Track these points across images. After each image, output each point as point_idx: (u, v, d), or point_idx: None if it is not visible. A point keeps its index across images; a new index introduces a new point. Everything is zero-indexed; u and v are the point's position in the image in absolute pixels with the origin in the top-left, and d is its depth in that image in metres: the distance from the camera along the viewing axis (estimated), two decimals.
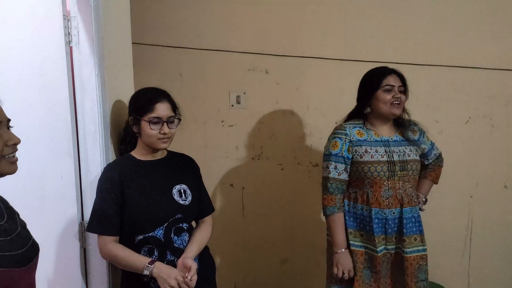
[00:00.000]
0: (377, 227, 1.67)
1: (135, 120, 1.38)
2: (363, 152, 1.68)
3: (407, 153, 1.71)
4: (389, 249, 1.70)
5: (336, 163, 1.71)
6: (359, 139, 1.71)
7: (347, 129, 1.73)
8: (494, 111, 2.42)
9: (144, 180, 1.39)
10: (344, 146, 1.70)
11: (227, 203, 2.61)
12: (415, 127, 1.82)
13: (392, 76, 1.70)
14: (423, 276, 1.70)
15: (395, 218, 1.68)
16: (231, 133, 2.55)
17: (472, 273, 2.56)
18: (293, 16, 2.45)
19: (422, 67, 2.40)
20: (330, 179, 1.71)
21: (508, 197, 2.48)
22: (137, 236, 1.35)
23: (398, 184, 1.68)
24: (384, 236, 1.69)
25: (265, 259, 2.64)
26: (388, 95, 1.67)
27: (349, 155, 1.71)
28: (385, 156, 1.67)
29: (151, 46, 2.47)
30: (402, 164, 1.68)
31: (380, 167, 1.66)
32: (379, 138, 1.72)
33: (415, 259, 1.68)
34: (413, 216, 1.70)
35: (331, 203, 1.71)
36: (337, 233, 1.71)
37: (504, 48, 2.37)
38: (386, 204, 1.67)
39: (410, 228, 1.68)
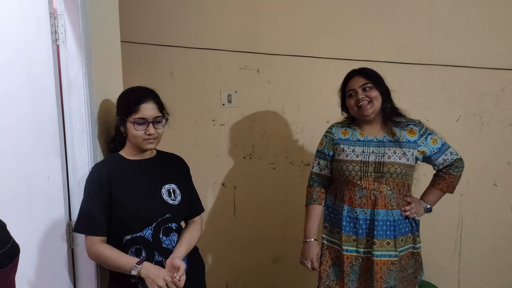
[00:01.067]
0: (347, 225, 1.68)
1: (122, 120, 1.37)
2: (341, 151, 1.72)
3: (387, 155, 1.63)
4: (360, 252, 1.68)
5: (320, 159, 1.82)
6: (342, 138, 1.75)
7: (333, 128, 1.80)
8: (484, 109, 2.43)
9: (132, 180, 1.37)
10: (327, 144, 1.79)
11: (218, 202, 2.60)
12: (416, 127, 1.70)
13: (353, 79, 1.68)
14: (392, 282, 1.64)
15: (366, 218, 1.66)
16: (223, 132, 2.54)
17: (462, 271, 2.58)
18: (284, 15, 2.45)
19: (413, 66, 2.41)
20: (313, 174, 1.84)
21: (498, 195, 2.49)
22: (125, 236, 1.34)
23: (373, 185, 1.64)
24: (355, 237, 1.67)
25: (257, 259, 2.64)
26: (351, 100, 1.68)
27: (330, 152, 1.77)
28: (360, 156, 1.66)
29: (142, 45, 2.45)
30: (377, 165, 1.63)
31: (352, 166, 1.67)
32: (362, 138, 1.70)
33: (385, 263, 1.63)
34: (388, 219, 1.64)
35: (309, 195, 1.84)
36: (308, 223, 1.81)
37: (494, 47, 2.38)
38: (358, 203, 1.66)
39: (382, 231, 1.63)
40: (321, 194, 1.82)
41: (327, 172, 1.80)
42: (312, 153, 2.11)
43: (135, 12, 2.43)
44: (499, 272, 2.56)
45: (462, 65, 2.40)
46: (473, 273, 2.57)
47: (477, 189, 2.49)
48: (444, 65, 2.40)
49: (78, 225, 1.33)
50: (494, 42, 2.38)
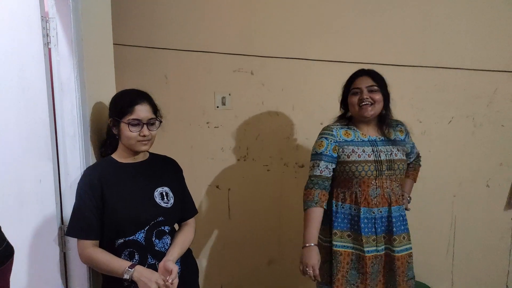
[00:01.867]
0: (365, 226, 1.68)
1: (115, 122, 1.37)
2: (350, 152, 1.69)
3: (394, 152, 1.72)
4: (379, 250, 1.70)
5: (320, 161, 1.72)
6: (346, 139, 1.72)
7: (334, 130, 1.75)
8: (477, 111, 2.45)
9: (124, 183, 1.37)
10: (329, 146, 1.71)
11: (213, 204, 2.60)
12: (402, 127, 1.84)
13: (360, 78, 1.70)
14: (411, 274, 1.73)
15: (382, 217, 1.69)
16: (217, 135, 2.54)
17: (455, 271, 2.59)
18: (278, 18, 2.45)
19: (406, 68, 2.42)
20: (312, 177, 1.73)
21: (490, 196, 2.51)
22: (117, 239, 1.33)
23: (386, 183, 1.69)
24: (374, 236, 1.69)
25: (252, 260, 2.64)
26: (355, 98, 1.69)
27: (334, 154, 1.72)
28: (372, 155, 1.69)
29: (136, 48, 2.45)
30: (389, 163, 1.69)
31: (367, 166, 1.67)
32: (366, 138, 1.73)
33: (405, 257, 1.70)
34: (400, 214, 1.72)
35: (309, 198, 1.71)
36: (309, 227, 1.68)
37: (486, 49, 2.40)
38: (374, 203, 1.68)
39: (399, 227, 1.70)
40: (322, 196, 1.71)
41: (327, 173, 1.72)
42: (307, 155, 2.10)
43: (128, 15, 2.43)
44: (492, 273, 2.58)
45: (455, 67, 2.41)
46: (466, 273, 2.58)
47: (470, 190, 2.50)
48: (437, 67, 2.42)
49: (70, 229, 1.33)
50: (486, 44, 2.40)
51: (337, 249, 1.72)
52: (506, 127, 2.44)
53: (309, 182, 1.74)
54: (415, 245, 2.50)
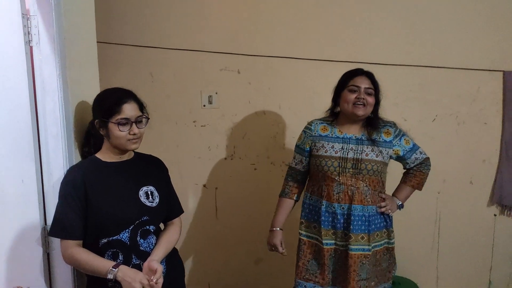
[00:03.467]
0: (325, 220, 1.74)
1: (102, 123, 1.35)
2: (320, 147, 1.77)
3: (365, 152, 1.72)
4: (339, 245, 1.75)
5: (296, 154, 1.89)
6: (321, 134, 1.79)
7: (313, 125, 1.84)
8: (460, 109, 2.49)
9: (109, 182, 1.36)
10: (305, 139, 1.83)
11: (200, 204, 2.60)
12: (391, 128, 1.81)
13: (360, 77, 1.73)
14: (364, 275, 1.72)
15: (343, 213, 1.73)
16: (204, 133, 2.54)
17: (440, 266, 2.63)
18: (264, 16, 2.46)
19: (391, 67, 2.44)
20: (289, 168, 1.92)
21: (473, 193, 2.55)
22: (101, 239, 1.32)
23: (351, 181, 1.72)
24: (333, 231, 1.75)
25: (239, 259, 2.64)
26: (351, 95, 1.71)
27: (307, 148, 1.82)
28: (339, 152, 1.73)
29: (121, 46, 2.43)
30: (355, 162, 1.71)
31: (331, 162, 1.72)
32: (341, 135, 1.77)
33: (359, 257, 1.71)
34: (363, 215, 1.72)
35: (283, 187, 1.93)
36: (277, 214, 1.91)
37: (469, 48, 2.43)
38: (335, 199, 1.72)
39: (358, 226, 1.71)
40: (293, 188, 1.89)
41: (300, 167, 1.86)
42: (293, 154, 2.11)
43: (113, 13, 2.40)
44: (476, 268, 2.62)
45: (439, 66, 2.45)
46: (450, 268, 2.63)
47: (454, 186, 2.55)
48: (421, 65, 2.45)
49: (53, 229, 1.31)
50: (469, 43, 2.44)
51: (302, 238, 1.84)
52: (489, 125, 2.49)
53: (287, 173, 1.93)
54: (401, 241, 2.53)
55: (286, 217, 1.91)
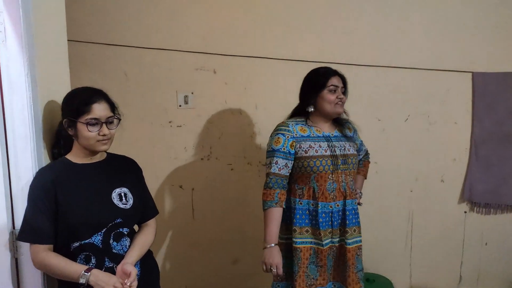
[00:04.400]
0: (323, 221, 1.72)
1: (70, 122, 1.31)
2: (308, 147, 1.73)
3: (347, 148, 1.79)
4: (334, 242, 1.77)
5: (278, 159, 1.73)
6: (303, 135, 1.76)
7: (290, 126, 1.77)
8: (431, 109, 2.56)
9: (80, 184, 1.32)
10: (286, 142, 1.73)
11: (176, 205, 2.57)
12: (350, 124, 1.92)
13: (335, 77, 1.77)
14: (360, 266, 1.79)
15: (339, 210, 1.75)
16: (179, 134, 2.51)
17: (413, 263, 2.70)
18: (240, 16, 2.46)
19: (364, 68, 2.49)
20: (271, 174, 1.73)
21: (445, 191, 2.63)
22: (72, 243, 1.28)
23: (341, 177, 1.75)
24: (330, 229, 1.75)
25: (216, 260, 2.63)
26: (332, 96, 1.73)
27: (291, 150, 1.74)
28: (328, 150, 1.74)
29: (92, 44, 2.38)
30: (344, 157, 1.75)
31: (324, 161, 1.72)
32: (321, 134, 1.78)
33: (355, 249, 1.76)
34: (353, 208, 1.79)
35: (269, 198, 1.72)
36: (270, 227, 1.70)
37: (439, 50, 2.51)
38: (331, 197, 1.73)
39: (351, 220, 1.77)
40: (281, 196, 1.73)
41: (285, 172, 1.74)
42: None
43: (86, 10, 2.35)
44: (448, 264, 2.70)
45: (411, 67, 2.51)
46: (423, 264, 2.70)
47: (426, 185, 2.62)
48: (394, 67, 2.50)
49: (22, 233, 1.27)
50: (440, 45, 2.51)
51: (297, 246, 1.74)
52: (459, 124, 2.57)
53: (269, 181, 1.74)
54: (376, 240, 2.59)
55: (279, 229, 1.74)
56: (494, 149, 2.54)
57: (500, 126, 2.52)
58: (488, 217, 2.64)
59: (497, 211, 2.63)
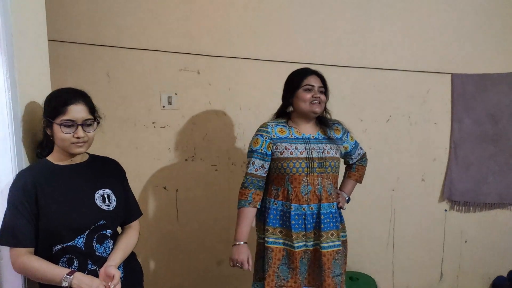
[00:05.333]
0: (296, 223, 1.72)
1: (48, 122, 1.29)
2: (283, 149, 1.74)
3: (326, 150, 1.77)
4: (308, 245, 1.76)
5: (255, 159, 1.76)
6: (280, 136, 1.76)
7: (269, 127, 1.78)
8: (412, 110, 2.61)
9: (62, 186, 1.31)
10: (264, 143, 1.75)
11: (160, 206, 2.55)
12: (339, 126, 1.89)
13: (312, 77, 1.77)
14: (338, 271, 1.76)
15: (313, 213, 1.74)
16: (163, 135, 2.50)
17: (396, 261, 2.75)
18: (223, 17, 2.46)
19: (347, 69, 2.52)
20: (247, 174, 1.77)
21: (425, 189, 2.68)
22: (54, 246, 1.27)
23: (317, 180, 1.74)
24: (304, 232, 1.74)
25: (201, 262, 2.62)
26: (307, 94, 1.74)
27: (268, 151, 1.75)
28: (304, 152, 1.74)
29: (76, 44, 2.34)
30: (321, 161, 1.75)
31: (298, 163, 1.72)
32: (300, 136, 1.78)
33: (332, 254, 1.74)
34: (330, 212, 1.76)
35: (243, 197, 1.76)
36: (241, 226, 1.75)
37: (420, 52, 2.56)
38: (305, 200, 1.73)
39: (327, 224, 1.74)
40: (255, 196, 1.76)
41: (262, 173, 1.76)
42: None
43: (67, 10, 2.32)
44: (429, 261, 2.76)
45: (392, 68, 2.55)
46: (405, 262, 2.75)
47: (407, 184, 2.66)
48: (376, 68, 2.54)
49: (2, 237, 1.24)
50: (420, 47, 2.56)
51: (269, 246, 1.76)
52: (438, 125, 2.63)
53: (245, 181, 1.78)
54: (358, 239, 2.62)
55: (250, 228, 1.78)
56: (473, 149, 2.61)
57: (478, 126, 2.59)
58: (467, 215, 2.71)
59: (476, 209, 2.70)
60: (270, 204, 1.79)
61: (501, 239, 2.72)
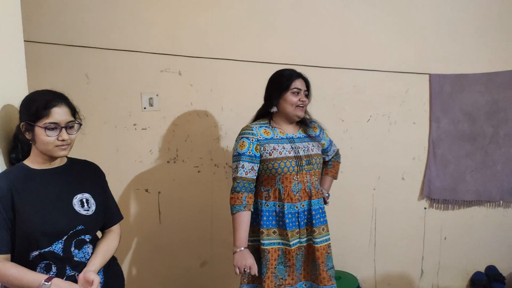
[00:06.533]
0: (290, 221, 1.74)
1: (28, 126, 1.27)
2: (272, 150, 1.74)
3: (310, 148, 1.82)
4: (302, 242, 1.79)
5: (244, 162, 1.73)
6: (266, 137, 1.77)
7: (253, 129, 1.78)
8: (392, 110, 2.65)
9: (39, 191, 1.28)
10: (251, 145, 1.74)
11: (142, 209, 2.52)
12: (315, 124, 1.95)
13: (299, 80, 1.79)
14: (330, 264, 1.82)
15: (304, 210, 1.78)
16: (145, 137, 2.47)
17: (377, 259, 2.78)
18: (204, 18, 2.45)
19: (328, 70, 2.54)
20: (238, 178, 1.73)
21: (405, 188, 2.73)
22: (31, 252, 1.24)
23: (306, 178, 1.77)
24: (298, 229, 1.77)
25: (184, 264, 2.60)
26: (295, 98, 1.76)
27: (257, 153, 1.75)
28: (292, 152, 1.76)
29: (53, 45, 2.30)
30: (308, 158, 1.78)
31: (289, 162, 1.74)
32: (284, 136, 1.80)
33: (324, 248, 1.79)
34: (319, 207, 1.82)
35: (238, 202, 1.73)
36: (240, 231, 1.72)
37: (399, 53, 2.60)
38: (297, 198, 1.75)
39: (318, 219, 1.79)
40: (249, 199, 1.74)
41: (252, 175, 1.75)
42: None
43: (44, 10, 2.27)
44: (410, 258, 2.80)
45: (372, 69, 2.59)
46: (386, 260, 2.79)
47: (388, 183, 2.70)
48: (356, 69, 2.57)
49: None
50: (399, 48, 2.60)
51: (265, 247, 1.76)
52: (417, 124, 2.67)
53: (236, 185, 1.74)
54: (341, 238, 2.65)
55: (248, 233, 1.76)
56: (451, 148, 2.66)
57: (455, 125, 2.65)
58: (446, 212, 2.76)
59: (454, 207, 2.75)
60: (262, 206, 1.78)
61: (478, 235, 2.79)
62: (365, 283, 2.77)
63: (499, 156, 2.66)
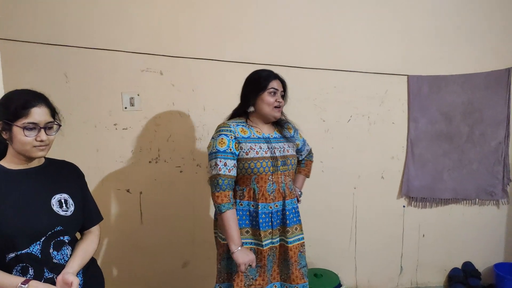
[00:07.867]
0: (263, 221, 1.74)
1: (6, 125, 1.24)
2: (249, 149, 1.74)
3: (286, 149, 1.83)
4: (274, 242, 1.79)
5: (226, 160, 1.70)
6: (244, 136, 1.76)
7: (231, 126, 1.76)
8: (371, 110, 2.69)
9: (15, 192, 1.26)
10: (231, 143, 1.72)
11: (123, 209, 2.50)
12: (290, 124, 1.97)
13: (276, 81, 1.80)
14: (303, 262, 1.83)
15: (278, 210, 1.78)
16: (126, 137, 2.45)
17: (358, 257, 2.83)
18: (186, 18, 2.44)
19: (309, 70, 2.57)
20: (222, 176, 1.68)
21: (384, 187, 2.78)
22: (8, 254, 1.21)
23: (281, 178, 1.78)
24: (270, 230, 1.77)
25: (166, 264, 2.59)
26: (272, 98, 1.77)
27: (236, 151, 1.73)
28: (268, 152, 1.76)
29: (30, 44, 2.26)
30: (283, 159, 1.79)
31: (265, 162, 1.74)
32: (260, 136, 1.81)
33: (297, 247, 1.80)
34: (293, 207, 1.82)
35: (225, 200, 1.68)
36: (233, 230, 1.68)
37: (378, 54, 2.65)
38: (271, 198, 1.76)
39: (291, 219, 1.80)
40: (232, 197, 1.72)
41: (234, 173, 1.72)
42: None
43: (22, 8, 2.23)
44: (389, 256, 2.86)
45: (352, 70, 2.63)
46: (367, 257, 2.84)
47: (368, 181, 2.75)
48: (337, 69, 2.61)
49: None
50: (378, 49, 2.65)
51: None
52: (396, 124, 2.73)
53: (221, 183, 1.68)
54: (322, 236, 2.69)
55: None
56: (428, 147, 2.73)
57: (432, 125, 2.71)
58: (424, 210, 2.83)
59: (432, 205, 2.83)
60: (236, 205, 1.77)
61: (455, 232, 2.87)
62: (346, 281, 2.82)
63: (475, 155, 2.74)
